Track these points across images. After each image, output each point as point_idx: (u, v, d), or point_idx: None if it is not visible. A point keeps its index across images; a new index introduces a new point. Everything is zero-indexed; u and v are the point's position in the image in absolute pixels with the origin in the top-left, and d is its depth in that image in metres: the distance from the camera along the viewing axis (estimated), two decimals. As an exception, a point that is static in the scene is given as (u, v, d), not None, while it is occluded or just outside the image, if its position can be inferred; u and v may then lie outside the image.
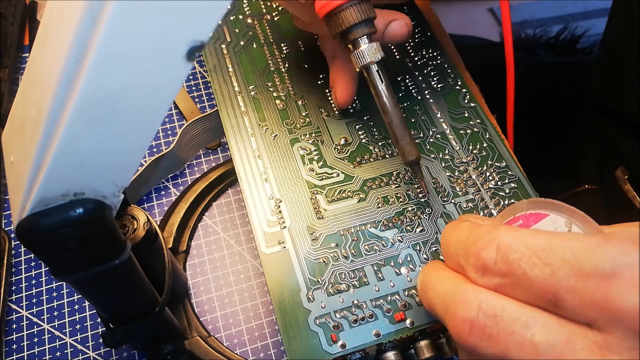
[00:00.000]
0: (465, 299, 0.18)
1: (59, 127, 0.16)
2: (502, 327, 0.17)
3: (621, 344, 0.15)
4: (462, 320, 0.18)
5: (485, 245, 0.18)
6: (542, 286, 0.16)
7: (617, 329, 0.15)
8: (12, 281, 0.31)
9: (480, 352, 0.17)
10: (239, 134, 0.30)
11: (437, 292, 0.20)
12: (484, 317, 0.17)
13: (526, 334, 0.16)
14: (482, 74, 0.36)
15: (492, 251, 0.18)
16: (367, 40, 0.26)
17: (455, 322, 0.18)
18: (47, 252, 0.18)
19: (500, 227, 0.18)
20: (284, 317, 0.24)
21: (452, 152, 0.30)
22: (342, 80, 0.31)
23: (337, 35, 0.26)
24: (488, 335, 0.17)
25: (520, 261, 0.17)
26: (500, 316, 0.17)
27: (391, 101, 0.26)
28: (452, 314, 0.18)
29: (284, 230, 0.27)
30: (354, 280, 0.25)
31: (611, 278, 0.15)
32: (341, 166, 0.29)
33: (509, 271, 0.17)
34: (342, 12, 0.25)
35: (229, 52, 0.34)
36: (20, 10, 0.42)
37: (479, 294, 0.18)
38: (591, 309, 0.15)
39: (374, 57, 0.26)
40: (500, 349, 0.17)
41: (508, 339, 0.17)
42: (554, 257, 0.16)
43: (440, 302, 0.19)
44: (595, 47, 0.60)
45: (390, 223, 0.27)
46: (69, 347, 0.29)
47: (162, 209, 0.34)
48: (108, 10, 0.14)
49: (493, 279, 0.18)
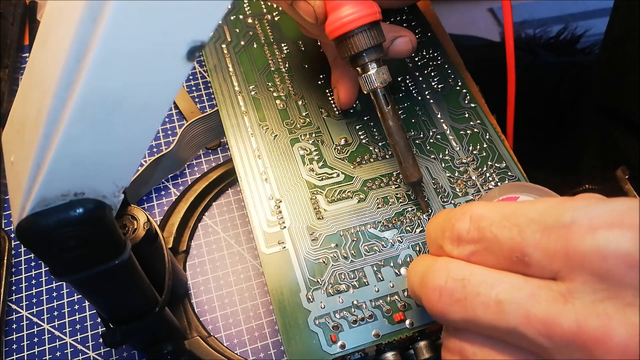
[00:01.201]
0: (436, 269, 0.18)
1: (59, 127, 0.16)
2: (468, 290, 0.17)
3: (584, 289, 0.15)
4: (432, 289, 0.18)
5: (459, 217, 0.19)
6: (510, 246, 0.17)
7: (579, 274, 0.15)
8: (12, 281, 0.31)
9: (450, 317, 0.18)
10: (239, 134, 0.30)
11: (414, 272, 0.20)
12: (452, 283, 0.18)
13: (491, 293, 0.17)
14: (482, 74, 0.36)
15: (466, 221, 0.18)
16: (375, 65, 0.26)
17: (426, 291, 0.18)
18: (47, 252, 0.18)
19: (473, 203, 0.19)
20: (284, 317, 0.24)
21: (452, 153, 0.30)
22: (345, 82, 0.31)
23: (347, 58, 0.26)
24: (456, 299, 0.17)
25: (491, 226, 0.18)
26: (468, 280, 0.17)
27: (396, 124, 0.27)
28: (424, 286, 0.19)
29: (284, 230, 0.27)
30: (354, 280, 0.25)
31: (571, 227, 0.16)
32: (341, 166, 0.29)
33: (480, 237, 0.18)
34: (353, 37, 0.25)
35: (229, 51, 0.34)
36: (20, 10, 0.42)
37: (449, 263, 0.18)
38: (554, 260, 0.16)
39: (382, 82, 0.26)
40: (468, 312, 0.17)
41: (474, 301, 0.17)
42: (522, 218, 0.17)
43: (417, 281, 0.20)
44: (595, 47, 0.60)
45: (390, 223, 0.27)
46: (69, 347, 0.29)
47: (162, 209, 0.34)
48: (108, 10, 0.14)
49: (467, 247, 0.18)
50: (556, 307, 0.15)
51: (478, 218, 0.18)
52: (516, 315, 0.16)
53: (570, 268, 0.16)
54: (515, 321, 0.16)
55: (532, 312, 0.16)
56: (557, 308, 0.15)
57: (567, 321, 0.15)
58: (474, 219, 0.18)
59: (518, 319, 0.16)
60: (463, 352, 0.18)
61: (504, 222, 0.17)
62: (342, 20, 0.25)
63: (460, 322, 0.18)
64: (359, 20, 0.25)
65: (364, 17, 0.25)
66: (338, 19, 0.25)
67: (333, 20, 0.25)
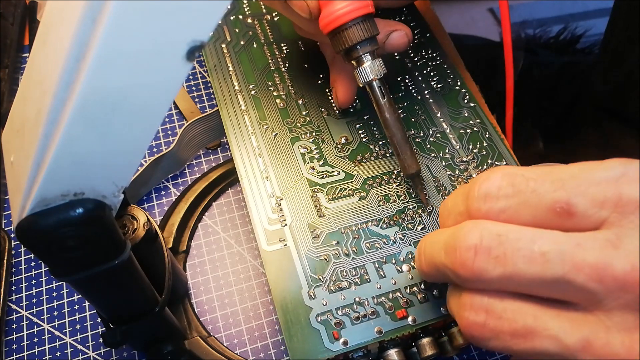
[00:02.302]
0: (467, 229, 0.18)
1: (59, 127, 0.16)
2: (507, 246, 0.16)
3: (635, 233, 0.15)
4: (466, 248, 0.17)
5: (485, 178, 0.18)
6: (552, 197, 0.16)
7: (631, 220, 0.15)
8: (12, 281, 0.31)
9: (487, 276, 0.17)
10: (240, 133, 0.30)
11: (435, 242, 0.19)
12: (488, 240, 0.17)
13: (533, 247, 0.16)
14: (482, 74, 0.36)
15: (497, 179, 0.18)
16: (370, 57, 0.26)
17: (458, 253, 0.17)
18: (47, 252, 0.18)
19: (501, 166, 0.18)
20: (286, 314, 0.24)
21: (453, 152, 0.30)
22: (342, 81, 0.31)
23: (341, 51, 0.26)
24: (495, 256, 0.17)
25: (528, 181, 0.17)
26: (505, 236, 0.17)
27: (393, 116, 0.27)
28: (453, 249, 0.18)
29: (285, 227, 0.27)
30: (356, 277, 0.25)
31: (622, 178, 0.16)
32: (342, 165, 0.29)
33: (516, 192, 0.17)
34: (346, 30, 0.25)
35: (229, 51, 0.34)
36: (20, 10, 0.42)
37: (480, 223, 0.18)
38: (604, 207, 0.16)
39: (376, 74, 0.26)
40: (509, 268, 0.16)
41: (515, 256, 0.16)
42: (561, 174, 0.17)
43: (441, 249, 0.19)
44: (595, 47, 0.60)
45: (391, 221, 0.27)
46: (69, 347, 0.29)
47: (162, 209, 0.34)
48: (108, 10, 0.14)
49: (498, 202, 0.17)
50: (607, 252, 0.15)
51: (511, 175, 0.18)
52: (564, 264, 0.16)
53: (620, 213, 0.15)
54: (562, 270, 0.16)
55: (581, 258, 0.15)
56: (607, 253, 0.15)
57: (620, 263, 0.15)
58: (506, 175, 0.18)
59: (566, 267, 0.16)
60: (490, 310, 0.17)
61: (542, 177, 0.17)
62: (335, 14, 0.25)
63: (497, 279, 0.17)
64: (351, 12, 0.25)
65: (356, 10, 0.25)
66: (331, 13, 0.25)
67: (326, 14, 0.25)
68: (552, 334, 0.16)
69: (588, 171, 0.16)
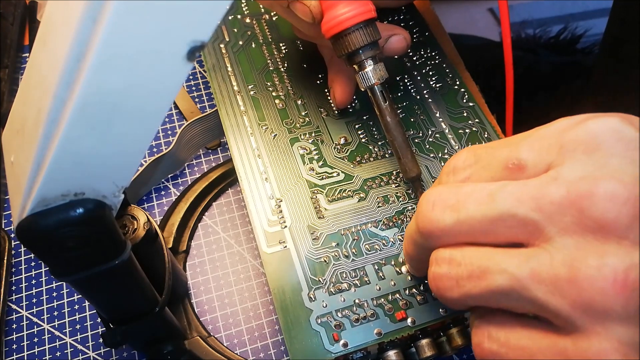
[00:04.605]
0: (429, 191, 0.19)
1: (59, 127, 0.16)
2: (461, 195, 0.18)
3: (574, 167, 0.16)
4: (426, 203, 0.19)
5: (454, 156, 0.20)
6: (506, 156, 0.18)
7: (571, 156, 0.16)
8: (12, 281, 0.31)
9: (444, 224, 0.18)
10: (239, 134, 0.30)
11: (410, 224, 0.21)
12: (445, 194, 0.18)
13: (482, 191, 0.18)
14: (482, 74, 0.36)
15: (462, 154, 0.20)
16: (372, 62, 0.26)
17: (419, 209, 0.19)
18: (47, 252, 0.18)
19: None
20: (286, 316, 0.24)
21: (451, 152, 0.30)
22: (340, 81, 0.31)
23: (343, 56, 0.26)
24: (450, 205, 0.18)
25: (487, 149, 0.19)
26: (460, 188, 0.18)
27: (394, 120, 0.27)
28: (418, 209, 0.19)
29: (285, 229, 0.27)
30: (355, 279, 0.25)
31: (566, 127, 0.17)
32: (341, 166, 0.29)
33: (477, 160, 0.19)
34: (349, 35, 0.25)
35: (227, 51, 0.34)
36: (20, 10, 0.42)
37: (442, 185, 0.19)
38: (549, 154, 0.17)
39: (378, 79, 0.26)
40: (462, 213, 0.18)
41: (467, 201, 0.18)
42: (515, 137, 0.19)
43: (412, 221, 0.20)
44: (595, 47, 0.60)
45: (391, 222, 0.27)
46: (69, 347, 0.29)
47: (162, 209, 0.34)
48: (108, 11, 0.14)
49: (462, 172, 0.19)
50: (546, 184, 0.16)
51: (475, 147, 0.20)
52: (506, 199, 0.17)
53: (562, 155, 0.17)
54: (505, 205, 0.17)
55: (523, 192, 0.17)
56: (547, 185, 0.16)
57: (556, 190, 0.16)
58: (470, 149, 0.20)
59: (508, 201, 0.17)
60: (451, 259, 0.18)
61: (499, 144, 0.19)
62: (338, 19, 0.25)
63: (453, 226, 0.18)
64: (354, 18, 0.25)
65: (359, 15, 0.25)
66: (334, 18, 0.25)
67: (329, 19, 0.25)
68: (502, 267, 0.17)
69: (537, 130, 0.18)
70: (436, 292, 0.19)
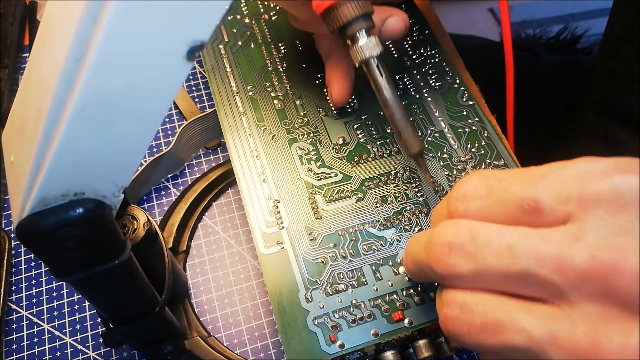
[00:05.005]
0: (443, 227, 0.18)
1: (59, 127, 0.16)
2: (478, 242, 0.17)
3: (597, 225, 0.16)
4: (441, 245, 0.18)
5: (464, 181, 0.19)
6: (521, 196, 0.17)
7: (593, 213, 0.16)
8: (12, 281, 0.31)
9: (460, 271, 0.18)
10: (237, 134, 0.30)
11: (418, 242, 0.20)
12: (461, 237, 0.18)
13: (501, 242, 0.17)
14: (482, 74, 0.36)
15: (472, 181, 0.19)
16: (365, 34, 0.26)
17: (434, 249, 0.18)
18: (47, 252, 0.18)
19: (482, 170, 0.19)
20: (283, 317, 0.24)
21: (451, 151, 0.30)
22: (338, 78, 0.31)
23: (335, 31, 0.26)
24: (466, 251, 0.17)
25: (500, 181, 0.18)
26: (477, 232, 0.18)
27: (392, 95, 0.26)
28: (430, 245, 0.19)
29: (283, 230, 0.27)
30: (353, 280, 0.25)
31: (585, 174, 0.16)
32: (339, 166, 0.29)
33: (489, 192, 0.18)
34: (339, 8, 0.25)
35: (226, 52, 0.34)
36: (20, 10, 0.42)
37: (455, 221, 0.18)
38: (568, 203, 0.16)
39: (373, 52, 0.26)
40: (480, 263, 0.17)
41: (485, 251, 0.17)
42: (531, 173, 0.18)
43: (421, 247, 0.20)
44: (595, 47, 0.60)
45: (389, 222, 0.27)
46: (69, 347, 0.29)
47: (162, 209, 0.34)
48: (108, 10, 0.14)
49: (473, 202, 0.18)
50: (569, 245, 0.16)
51: (486, 176, 0.19)
52: (528, 257, 0.16)
53: (584, 208, 0.16)
54: (527, 263, 0.16)
55: (544, 251, 0.16)
56: (569, 245, 0.16)
57: (580, 255, 0.15)
58: (481, 177, 0.19)
59: (530, 260, 0.16)
60: (464, 304, 0.18)
61: (514, 178, 0.18)
62: None
63: (469, 274, 0.17)
64: None
65: None
66: None
67: None
68: (520, 326, 0.16)
69: (555, 169, 0.17)
70: (446, 334, 0.19)
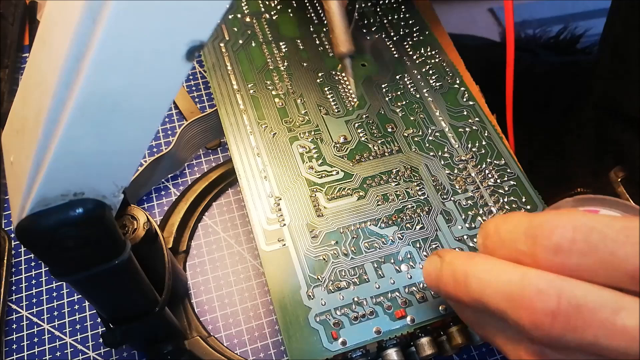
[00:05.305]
0: (540, 289, 0.17)
1: (59, 127, 0.16)
2: (587, 316, 0.16)
3: None
4: (543, 313, 0.16)
5: (558, 225, 0.17)
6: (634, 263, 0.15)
7: None
8: (12, 281, 0.31)
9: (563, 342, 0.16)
10: (238, 132, 0.30)
11: (491, 282, 0.18)
12: (566, 307, 0.16)
13: (615, 320, 0.15)
14: (482, 74, 0.36)
15: (569, 230, 0.17)
16: None
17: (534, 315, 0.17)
18: (47, 252, 0.18)
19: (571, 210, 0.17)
20: (284, 314, 0.24)
21: (451, 150, 0.30)
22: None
23: None
24: (573, 326, 0.16)
25: (605, 239, 0.16)
26: (584, 304, 0.16)
27: None
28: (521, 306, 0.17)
29: (284, 227, 0.27)
30: (354, 277, 0.25)
31: None
32: (340, 164, 0.29)
33: (591, 250, 0.16)
34: None
35: (227, 50, 0.34)
36: (20, 10, 0.42)
37: (554, 281, 0.16)
38: None
39: None
40: (588, 339, 0.16)
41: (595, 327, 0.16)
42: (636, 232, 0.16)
43: (501, 294, 0.18)
44: (595, 47, 0.60)
45: (390, 220, 0.27)
46: (69, 347, 0.29)
47: (162, 209, 0.34)
48: (108, 10, 0.14)
49: (571, 258, 0.16)
50: None
51: (586, 229, 0.16)
52: None
53: None
54: None
55: None
56: None
57: None
58: (580, 228, 0.17)
59: None
60: None
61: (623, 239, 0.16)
62: None
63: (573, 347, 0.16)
64: None
65: None
66: None
67: None
68: None
69: None
70: None
